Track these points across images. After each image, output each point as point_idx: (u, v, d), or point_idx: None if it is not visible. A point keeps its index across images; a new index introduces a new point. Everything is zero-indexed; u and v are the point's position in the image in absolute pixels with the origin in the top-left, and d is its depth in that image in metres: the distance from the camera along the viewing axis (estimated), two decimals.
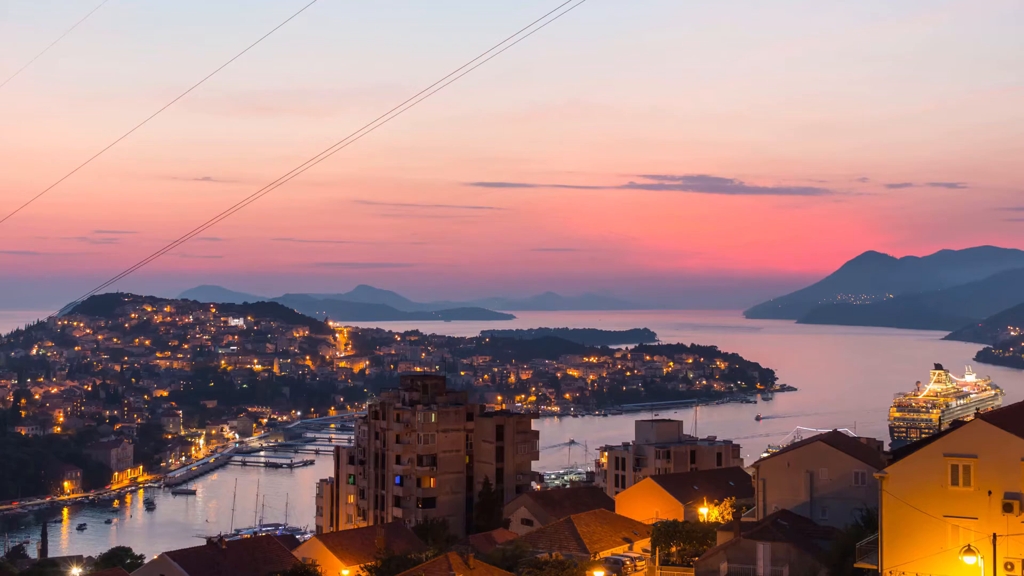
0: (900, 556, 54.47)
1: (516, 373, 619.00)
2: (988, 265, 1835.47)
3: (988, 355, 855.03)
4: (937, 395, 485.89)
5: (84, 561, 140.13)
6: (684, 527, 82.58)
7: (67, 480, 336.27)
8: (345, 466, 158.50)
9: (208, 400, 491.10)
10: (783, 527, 68.99)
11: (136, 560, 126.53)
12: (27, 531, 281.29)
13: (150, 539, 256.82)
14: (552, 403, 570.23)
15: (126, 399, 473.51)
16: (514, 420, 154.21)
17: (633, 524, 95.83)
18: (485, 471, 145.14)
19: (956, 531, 52.78)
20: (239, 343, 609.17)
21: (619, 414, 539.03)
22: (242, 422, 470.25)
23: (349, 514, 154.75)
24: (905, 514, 54.29)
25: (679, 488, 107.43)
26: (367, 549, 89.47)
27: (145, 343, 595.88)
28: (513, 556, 79.34)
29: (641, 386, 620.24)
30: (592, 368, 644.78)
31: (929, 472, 54.08)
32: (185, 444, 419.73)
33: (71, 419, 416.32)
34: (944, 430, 66.79)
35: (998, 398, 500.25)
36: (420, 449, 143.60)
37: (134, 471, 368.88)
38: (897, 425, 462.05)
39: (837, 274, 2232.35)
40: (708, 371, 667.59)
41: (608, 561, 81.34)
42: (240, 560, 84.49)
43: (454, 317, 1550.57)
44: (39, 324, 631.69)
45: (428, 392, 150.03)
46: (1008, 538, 51.18)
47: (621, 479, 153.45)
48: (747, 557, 66.75)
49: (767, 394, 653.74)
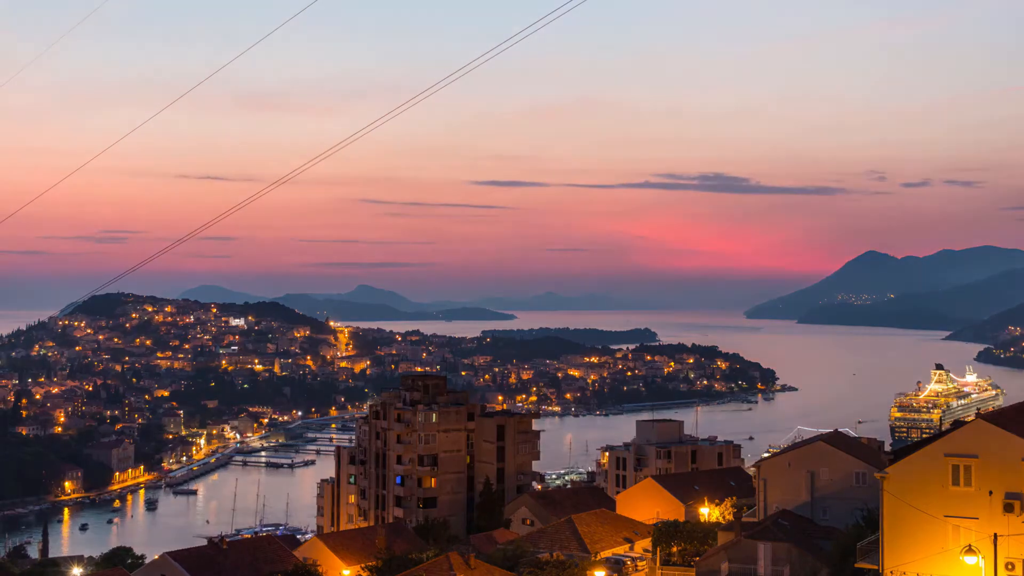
0: (901, 556, 54.48)
1: (517, 373, 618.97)
2: (989, 265, 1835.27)
3: (989, 355, 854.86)
4: (938, 395, 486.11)
5: (85, 561, 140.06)
6: (685, 527, 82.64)
7: (68, 480, 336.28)
8: (346, 466, 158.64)
9: (209, 400, 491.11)
10: (784, 527, 69.02)
11: (137, 560, 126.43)
12: (28, 531, 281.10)
13: (151, 539, 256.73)
14: (553, 403, 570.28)
15: (127, 399, 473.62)
16: (515, 420, 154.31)
17: (634, 524, 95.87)
18: (486, 471, 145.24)
19: (957, 531, 52.80)
20: (240, 343, 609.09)
21: (620, 414, 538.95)
22: (243, 422, 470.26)
23: (350, 514, 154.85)
24: (906, 514, 54.31)
25: (680, 488, 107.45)
26: (368, 549, 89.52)
27: (146, 343, 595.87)
28: (514, 556, 79.38)
29: (642, 386, 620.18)
30: (593, 368, 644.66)
31: (930, 472, 54.09)
32: (186, 444, 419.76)
33: (72, 419, 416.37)
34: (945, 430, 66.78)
35: (999, 398, 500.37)
36: (421, 449, 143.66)
37: (135, 471, 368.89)
38: (898, 425, 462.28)
39: (837, 274, 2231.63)
40: (709, 371, 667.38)
41: (609, 561, 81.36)
42: (241, 560, 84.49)
43: (455, 317, 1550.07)
44: (40, 324, 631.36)
45: (429, 392, 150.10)
46: (1009, 538, 51.19)
47: (622, 479, 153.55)
48: (748, 557, 66.78)
49: (768, 394, 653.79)
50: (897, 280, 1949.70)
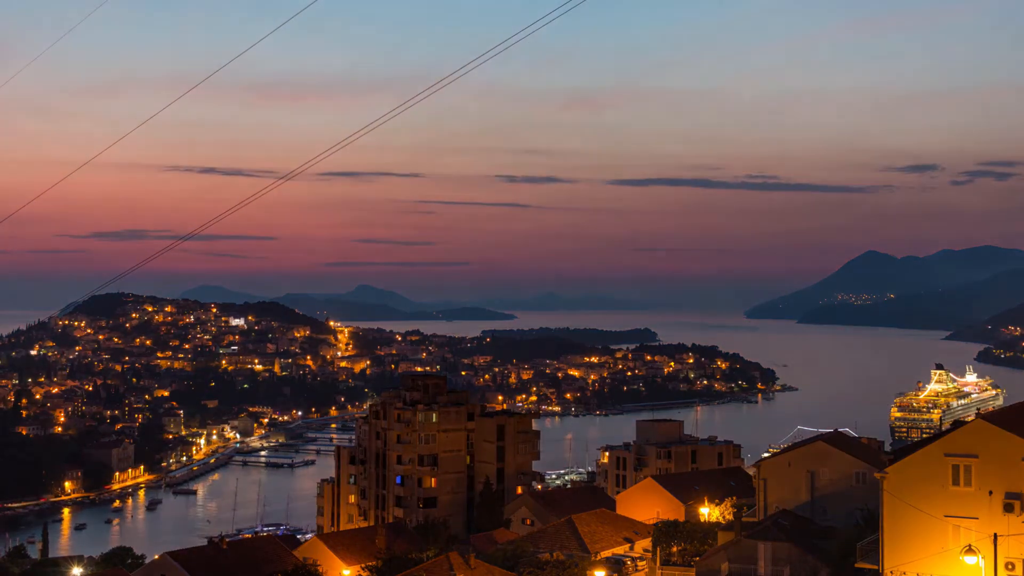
0: (901, 556, 54.51)
1: (517, 373, 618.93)
2: (989, 265, 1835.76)
3: (989, 355, 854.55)
4: (938, 395, 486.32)
5: (85, 561, 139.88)
6: (685, 527, 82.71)
7: (68, 480, 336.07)
8: (346, 466, 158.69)
9: (209, 400, 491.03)
10: (784, 527, 68.99)
11: (137, 560, 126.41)
12: (28, 531, 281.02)
13: (151, 539, 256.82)
14: (553, 403, 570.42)
15: (127, 399, 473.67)
16: (515, 420, 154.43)
17: (634, 524, 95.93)
18: (486, 471, 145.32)
19: (957, 531, 52.83)
20: (240, 343, 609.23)
21: (620, 414, 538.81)
22: (243, 422, 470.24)
23: (350, 514, 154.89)
24: (906, 514, 54.33)
25: (680, 488, 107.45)
26: (368, 549, 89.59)
27: (146, 343, 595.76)
28: (514, 556, 79.43)
29: (642, 386, 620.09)
30: (593, 368, 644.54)
31: (930, 472, 54.12)
32: (186, 444, 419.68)
33: (72, 419, 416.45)
34: (945, 430, 66.86)
35: (999, 398, 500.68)
36: (421, 449, 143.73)
37: (135, 471, 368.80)
38: (898, 425, 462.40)
39: (837, 274, 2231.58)
40: (709, 371, 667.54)
41: (609, 561, 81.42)
42: (241, 560, 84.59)
43: (455, 317, 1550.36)
44: (40, 324, 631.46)
45: (429, 392, 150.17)
46: (1009, 538, 51.22)
47: (622, 479, 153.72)
48: (748, 557, 66.78)
49: (768, 394, 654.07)
50: (897, 280, 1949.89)
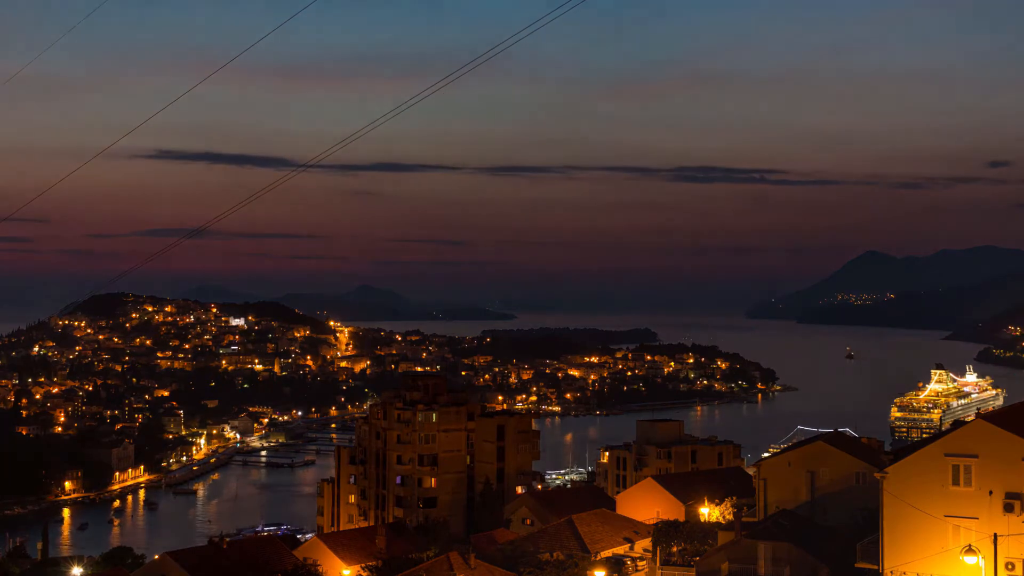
0: (901, 556, 54.53)
1: (517, 373, 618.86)
2: (989, 265, 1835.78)
3: (989, 355, 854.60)
4: (938, 395, 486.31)
5: (85, 561, 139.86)
6: (685, 527, 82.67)
7: (68, 480, 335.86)
8: (346, 466, 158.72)
9: (209, 400, 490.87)
10: (784, 527, 68.98)
11: (137, 560, 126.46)
12: (27, 531, 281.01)
13: (151, 539, 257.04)
14: (553, 403, 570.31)
15: (127, 399, 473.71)
16: (515, 420, 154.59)
17: (634, 524, 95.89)
18: (486, 471, 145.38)
19: (957, 531, 52.85)
20: (240, 343, 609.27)
21: (620, 414, 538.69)
22: (243, 422, 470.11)
23: (350, 514, 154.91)
24: (906, 514, 54.34)
25: (680, 488, 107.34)
26: (368, 549, 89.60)
27: (146, 343, 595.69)
28: (514, 556, 79.43)
29: (642, 386, 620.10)
30: (593, 368, 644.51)
31: (930, 472, 54.14)
32: (186, 444, 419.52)
33: (72, 419, 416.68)
34: (945, 430, 66.92)
35: (999, 398, 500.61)
36: (421, 449, 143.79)
37: (135, 471, 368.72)
38: (898, 425, 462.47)
39: (837, 274, 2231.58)
40: (709, 371, 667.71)
41: (609, 561, 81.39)
42: (241, 560, 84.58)
43: (455, 317, 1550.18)
44: (40, 324, 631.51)
45: (429, 392, 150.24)
46: (1009, 538, 51.23)
47: (622, 479, 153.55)
48: (748, 557, 66.76)
49: (768, 394, 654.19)
50: (897, 280, 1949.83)
